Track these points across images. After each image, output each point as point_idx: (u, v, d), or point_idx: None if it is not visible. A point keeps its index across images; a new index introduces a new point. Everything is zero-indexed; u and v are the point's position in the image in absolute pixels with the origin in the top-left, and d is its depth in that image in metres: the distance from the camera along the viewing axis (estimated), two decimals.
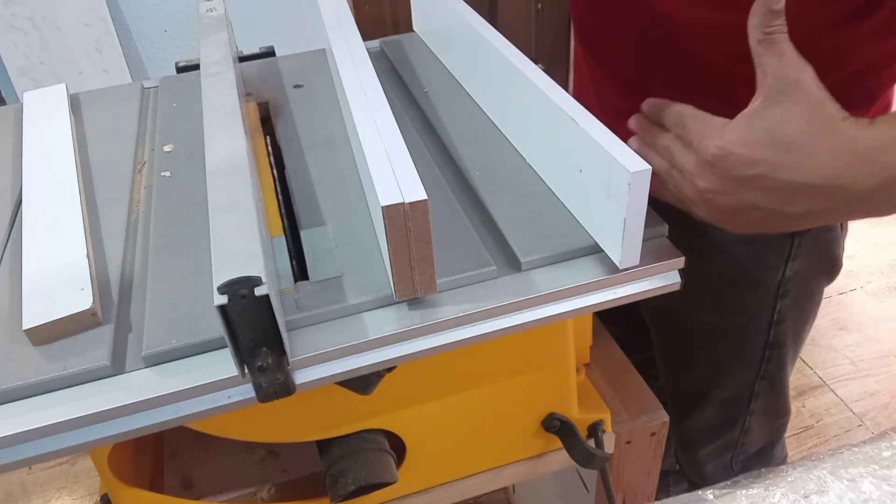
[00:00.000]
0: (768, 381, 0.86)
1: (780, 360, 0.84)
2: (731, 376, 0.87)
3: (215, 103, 0.56)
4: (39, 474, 1.50)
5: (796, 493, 0.50)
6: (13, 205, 0.58)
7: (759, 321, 0.80)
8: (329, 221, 0.53)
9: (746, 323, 0.81)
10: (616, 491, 0.71)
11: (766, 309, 0.79)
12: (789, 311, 0.79)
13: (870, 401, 1.58)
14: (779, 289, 0.77)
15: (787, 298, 0.78)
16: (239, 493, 0.65)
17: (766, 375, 0.85)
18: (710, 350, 0.85)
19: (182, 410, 0.43)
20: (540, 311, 0.48)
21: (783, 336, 0.82)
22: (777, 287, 0.77)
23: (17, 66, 1.93)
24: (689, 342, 0.87)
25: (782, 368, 0.86)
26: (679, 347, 0.90)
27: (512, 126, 0.61)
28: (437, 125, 0.65)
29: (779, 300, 0.78)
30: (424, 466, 0.63)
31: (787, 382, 0.89)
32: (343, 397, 0.51)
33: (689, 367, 0.90)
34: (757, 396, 0.87)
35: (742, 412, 0.89)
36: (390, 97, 0.72)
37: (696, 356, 0.88)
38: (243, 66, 0.79)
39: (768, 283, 0.77)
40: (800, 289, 0.78)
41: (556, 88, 0.52)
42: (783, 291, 0.77)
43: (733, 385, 0.87)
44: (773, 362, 0.84)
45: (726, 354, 0.85)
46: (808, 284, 0.79)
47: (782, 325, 0.80)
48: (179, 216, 0.54)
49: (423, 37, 0.82)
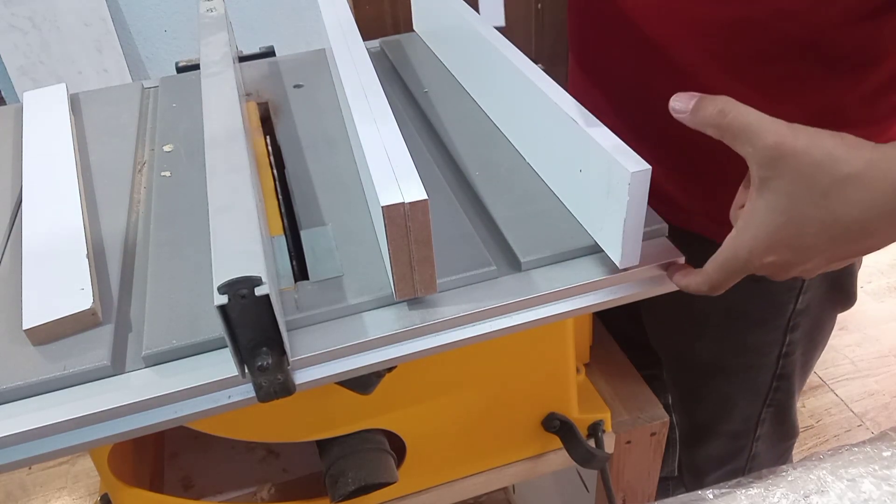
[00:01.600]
0: (775, 408, 0.83)
1: (788, 390, 0.81)
2: (737, 410, 0.83)
3: (215, 103, 0.56)
4: (39, 474, 1.50)
5: (796, 493, 0.50)
6: (13, 205, 0.58)
7: (768, 357, 0.76)
8: (329, 221, 0.53)
9: (754, 360, 0.77)
10: (616, 491, 0.71)
11: (775, 345, 0.75)
12: (799, 343, 0.75)
13: (870, 401, 1.58)
14: (789, 323, 0.73)
15: (798, 332, 0.74)
16: (239, 493, 0.65)
17: (772, 404, 0.82)
18: (716, 385, 0.82)
19: (182, 410, 0.43)
20: (540, 311, 0.48)
21: (791, 368, 0.78)
22: (787, 322, 0.72)
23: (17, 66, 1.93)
24: (695, 376, 0.84)
25: (790, 397, 0.82)
26: (686, 381, 0.87)
27: (512, 126, 0.61)
28: (437, 125, 0.65)
29: (788, 334, 0.74)
30: (424, 466, 0.63)
31: (794, 407, 0.85)
32: (343, 397, 0.51)
33: (697, 401, 0.87)
34: (763, 423, 0.84)
35: (748, 441, 0.87)
36: (390, 97, 0.72)
37: (702, 391, 0.84)
38: (243, 66, 0.78)
39: (778, 320, 0.73)
40: (811, 321, 0.74)
41: (557, 88, 0.52)
42: (793, 325, 0.73)
43: (740, 417, 0.84)
44: (781, 392, 0.80)
45: (733, 390, 0.81)
46: (820, 316, 0.75)
47: (791, 358, 0.76)
48: (179, 216, 0.54)
49: (424, 36, 0.82)
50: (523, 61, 0.56)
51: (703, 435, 0.89)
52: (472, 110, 0.66)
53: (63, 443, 0.42)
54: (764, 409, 0.82)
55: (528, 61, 0.56)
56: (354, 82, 0.55)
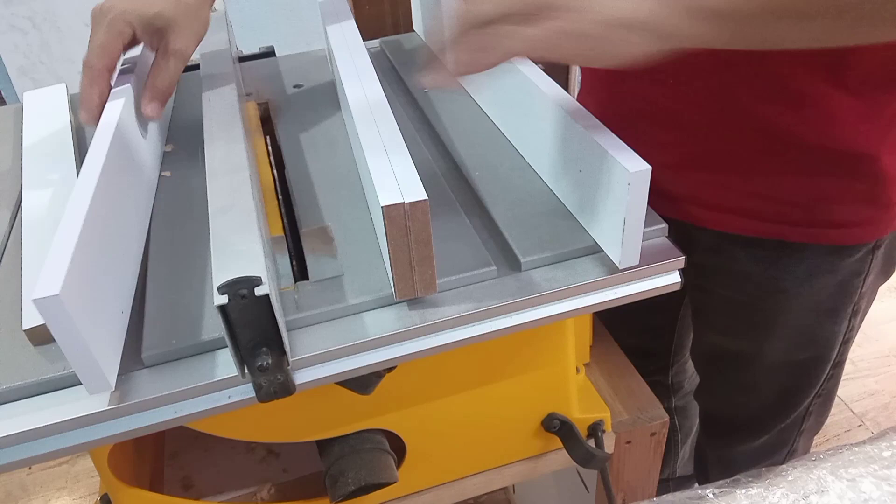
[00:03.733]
0: (823, 397, 0.81)
1: (838, 376, 0.80)
2: (793, 403, 0.82)
3: (215, 103, 0.56)
4: (39, 474, 1.50)
5: (796, 493, 0.50)
6: (13, 205, 0.58)
7: (833, 347, 0.75)
8: (329, 221, 0.53)
9: (822, 352, 0.76)
10: (616, 491, 0.71)
11: (841, 333, 0.74)
12: (857, 327, 0.75)
13: (870, 401, 1.58)
14: (853, 308, 0.72)
15: (858, 315, 0.74)
16: (239, 493, 0.65)
17: (822, 393, 0.81)
18: (778, 381, 0.80)
19: (182, 410, 0.43)
20: (540, 311, 0.48)
21: (847, 353, 0.77)
22: (853, 308, 0.72)
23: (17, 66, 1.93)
24: (756, 374, 0.81)
25: (837, 383, 0.81)
26: (744, 379, 0.83)
27: (512, 126, 0.61)
28: (437, 125, 0.65)
29: (852, 319, 0.74)
30: (424, 466, 0.63)
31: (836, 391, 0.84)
32: (343, 397, 0.51)
33: (752, 397, 0.84)
34: (810, 415, 0.83)
35: (794, 434, 0.85)
36: (390, 97, 0.72)
37: (761, 387, 0.82)
38: (243, 66, 0.79)
39: (847, 307, 0.72)
40: (867, 301, 0.74)
41: (556, 88, 0.52)
42: (856, 309, 0.73)
43: (794, 411, 0.82)
44: (833, 379, 0.79)
45: (794, 384, 0.80)
46: (873, 293, 0.75)
47: (849, 343, 0.76)
48: (179, 216, 0.54)
49: (424, 36, 0.82)
50: (523, 61, 0.56)
51: (751, 430, 0.86)
52: (472, 110, 0.66)
53: (63, 443, 0.42)
54: (814, 400, 0.81)
55: (528, 61, 0.56)
56: (355, 83, 0.55)
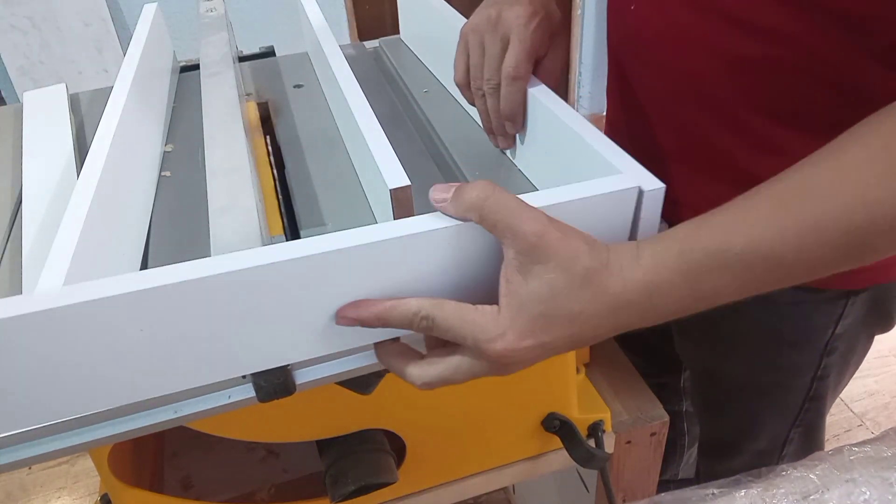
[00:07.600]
0: (804, 428, 0.80)
1: (819, 410, 0.78)
2: (765, 429, 0.80)
3: (215, 103, 0.56)
4: (39, 474, 1.50)
5: (796, 493, 0.50)
6: (13, 205, 0.58)
7: (801, 379, 0.74)
8: (329, 221, 0.53)
9: (786, 381, 0.75)
10: (616, 491, 0.71)
11: (810, 367, 0.72)
12: (834, 366, 0.72)
13: (870, 401, 1.58)
14: (826, 347, 0.70)
15: (834, 355, 0.71)
16: (239, 493, 0.65)
17: (801, 424, 0.79)
18: (744, 403, 0.79)
19: (182, 410, 0.43)
20: None
21: (825, 390, 0.75)
22: (825, 345, 0.70)
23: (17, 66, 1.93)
24: (722, 393, 0.81)
25: (820, 417, 0.79)
26: (712, 396, 0.84)
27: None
28: (437, 125, 0.65)
29: (825, 357, 0.71)
30: (424, 466, 0.63)
31: (823, 427, 0.82)
32: (343, 397, 0.51)
33: (722, 417, 0.84)
34: (791, 442, 0.81)
35: (774, 458, 0.83)
36: (390, 97, 0.72)
37: (728, 408, 0.82)
38: (243, 66, 0.79)
39: (815, 343, 0.70)
40: (848, 344, 0.71)
41: (552, 97, 0.52)
42: (830, 349, 0.71)
43: (768, 436, 0.81)
44: (812, 412, 0.78)
45: (761, 409, 0.79)
46: (859, 339, 0.72)
47: (825, 381, 0.74)
48: (179, 216, 0.54)
49: (410, 43, 0.81)
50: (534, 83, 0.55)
51: (727, 450, 0.86)
52: (472, 111, 0.66)
53: (63, 443, 0.42)
54: (793, 430, 0.80)
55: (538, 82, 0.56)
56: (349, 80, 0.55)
